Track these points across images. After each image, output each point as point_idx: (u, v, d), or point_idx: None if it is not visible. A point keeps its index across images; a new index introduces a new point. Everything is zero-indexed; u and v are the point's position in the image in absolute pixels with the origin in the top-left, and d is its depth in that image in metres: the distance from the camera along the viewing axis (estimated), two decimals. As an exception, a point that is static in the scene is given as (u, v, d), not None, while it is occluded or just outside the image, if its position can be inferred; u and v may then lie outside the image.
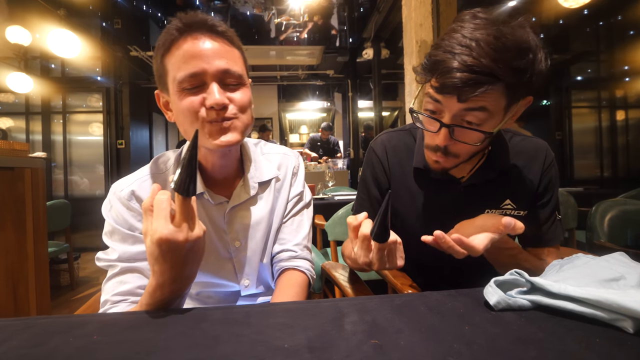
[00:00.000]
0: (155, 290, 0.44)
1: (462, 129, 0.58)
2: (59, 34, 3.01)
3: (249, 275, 0.67)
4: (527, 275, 0.41)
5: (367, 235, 0.51)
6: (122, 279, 0.56)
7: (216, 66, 0.55)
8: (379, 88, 4.38)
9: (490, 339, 0.33)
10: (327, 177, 2.59)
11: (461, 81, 0.52)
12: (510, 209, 0.71)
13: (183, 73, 0.54)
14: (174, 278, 0.43)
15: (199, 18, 0.56)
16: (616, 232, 1.43)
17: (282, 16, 5.86)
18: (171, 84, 0.56)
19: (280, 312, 0.41)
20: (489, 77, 0.51)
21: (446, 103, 0.56)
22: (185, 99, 0.55)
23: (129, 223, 0.58)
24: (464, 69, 0.51)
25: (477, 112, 0.55)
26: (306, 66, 5.30)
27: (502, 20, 0.54)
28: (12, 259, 1.61)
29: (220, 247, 0.65)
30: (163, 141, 6.23)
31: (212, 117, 0.56)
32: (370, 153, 0.81)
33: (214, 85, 0.55)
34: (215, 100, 0.54)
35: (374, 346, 0.32)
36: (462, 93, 0.53)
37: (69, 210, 2.76)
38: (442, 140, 0.59)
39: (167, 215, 0.41)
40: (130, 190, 0.60)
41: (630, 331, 0.34)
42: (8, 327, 0.38)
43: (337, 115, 7.13)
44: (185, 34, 0.55)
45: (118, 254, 0.57)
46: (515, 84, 0.53)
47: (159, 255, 0.42)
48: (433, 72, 0.56)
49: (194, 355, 0.31)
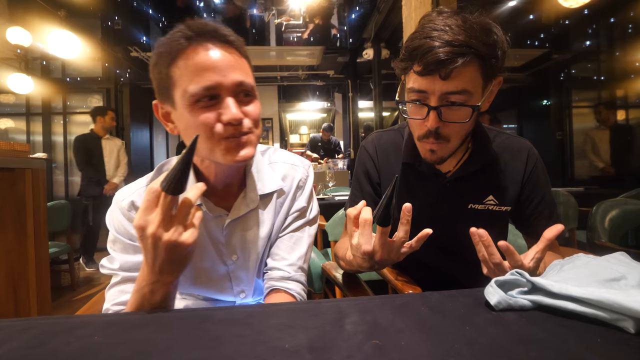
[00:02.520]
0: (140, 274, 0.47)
1: (449, 111, 0.61)
2: (60, 35, 3.01)
3: (245, 287, 0.66)
4: (528, 276, 0.41)
5: (369, 219, 0.51)
6: (122, 288, 0.57)
7: (231, 79, 0.52)
8: (379, 88, 4.38)
9: (491, 339, 0.33)
10: (328, 177, 2.59)
11: (444, 54, 0.56)
12: (492, 204, 0.74)
13: (197, 86, 0.50)
14: (150, 266, 0.45)
15: (209, 27, 0.53)
16: (617, 232, 1.43)
17: (282, 17, 5.86)
18: (180, 96, 0.52)
19: (281, 312, 0.41)
20: (466, 49, 0.56)
21: (430, 85, 0.60)
22: (200, 115, 0.52)
23: (130, 233, 0.58)
24: (444, 44, 0.56)
25: (459, 95, 0.59)
26: (306, 66, 5.29)
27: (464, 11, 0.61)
28: (12, 259, 1.61)
29: (217, 260, 0.63)
30: (163, 142, 6.23)
31: (229, 132, 0.53)
32: (362, 151, 0.85)
33: (229, 100, 0.52)
34: (233, 115, 0.52)
35: (374, 346, 0.32)
36: (445, 67, 0.56)
37: (69, 211, 2.76)
38: (433, 123, 0.61)
39: (149, 206, 0.44)
40: (130, 201, 0.59)
41: (632, 331, 0.34)
42: (9, 328, 0.38)
43: (337, 115, 7.13)
44: (194, 43, 0.51)
45: (120, 263, 0.57)
46: (488, 58, 0.59)
47: (138, 239, 0.45)
48: (414, 58, 0.60)
49: (195, 356, 0.31)
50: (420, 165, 0.74)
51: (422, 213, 0.76)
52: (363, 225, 0.53)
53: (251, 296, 0.68)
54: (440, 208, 0.75)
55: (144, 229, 0.43)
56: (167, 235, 0.43)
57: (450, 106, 0.61)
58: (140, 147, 4.71)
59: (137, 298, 0.47)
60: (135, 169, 4.07)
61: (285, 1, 5.56)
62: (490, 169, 0.73)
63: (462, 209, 0.74)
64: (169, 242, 0.43)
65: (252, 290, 0.67)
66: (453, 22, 0.58)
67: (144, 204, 0.44)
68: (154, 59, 0.55)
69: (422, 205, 0.76)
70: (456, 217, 0.75)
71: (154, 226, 0.43)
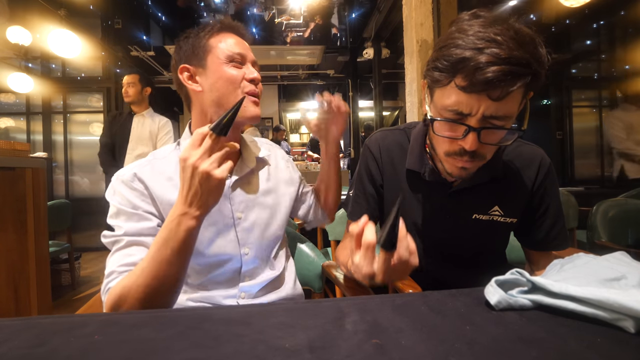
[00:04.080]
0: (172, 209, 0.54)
1: (489, 134, 0.55)
2: (60, 34, 3.01)
3: (249, 245, 0.72)
4: (528, 275, 0.41)
5: (372, 243, 0.47)
6: (128, 251, 0.60)
7: (252, 56, 0.73)
8: (380, 88, 4.38)
9: (491, 338, 0.33)
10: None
11: (495, 75, 0.48)
12: (497, 215, 0.71)
13: (235, 50, 0.70)
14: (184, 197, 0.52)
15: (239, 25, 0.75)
16: (617, 232, 1.43)
17: (283, 16, 5.85)
18: (215, 57, 0.69)
19: (281, 312, 0.41)
20: (524, 69, 0.49)
21: (476, 104, 0.52)
22: (232, 69, 0.69)
23: (133, 203, 0.64)
24: (499, 61, 0.48)
25: (503, 120, 0.53)
26: (306, 66, 5.28)
27: (504, 17, 0.53)
28: (13, 258, 1.61)
29: (226, 216, 0.71)
30: (163, 141, 6.23)
31: (250, 88, 0.70)
32: (365, 150, 0.82)
33: (250, 66, 0.72)
34: (256, 75, 0.71)
35: (374, 346, 0.32)
36: (497, 88, 0.50)
37: (69, 210, 2.76)
38: (472, 145, 0.55)
39: (195, 142, 0.51)
40: (133, 173, 0.66)
41: (632, 331, 0.34)
42: (9, 327, 0.38)
43: (337, 115, 7.11)
44: (230, 30, 0.73)
45: (124, 229, 0.61)
46: (539, 78, 0.52)
47: (180, 171, 0.53)
48: (456, 72, 0.52)
49: (194, 355, 0.31)
50: (425, 173, 0.71)
51: (424, 221, 0.74)
52: (366, 248, 0.47)
53: (255, 258, 0.73)
54: (443, 217, 0.73)
55: (186, 160, 0.51)
56: (204, 166, 0.50)
57: (492, 129, 0.54)
58: (140, 147, 4.71)
59: (164, 233, 0.53)
60: (136, 168, 4.05)
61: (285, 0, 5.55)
62: (498, 179, 0.70)
63: (466, 219, 0.72)
64: (204, 172, 0.50)
65: (255, 250, 0.73)
66: (502, 31, 0.50)
67: (190, 142, 0.52)
68: (192, 34, 0.72)
69: (424, 214, 0.74)
70: (459, 227, 0.73)
71: (195, 158, 0.50)
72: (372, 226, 0.48)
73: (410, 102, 1.91)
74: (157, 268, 0.52)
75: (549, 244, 0.73)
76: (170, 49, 4.17)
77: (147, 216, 0.63)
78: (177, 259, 0.53)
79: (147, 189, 0.65)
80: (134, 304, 0.52)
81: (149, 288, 0.51)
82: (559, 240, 0.73)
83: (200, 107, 0.71)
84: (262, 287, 0.74)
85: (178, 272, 0.54)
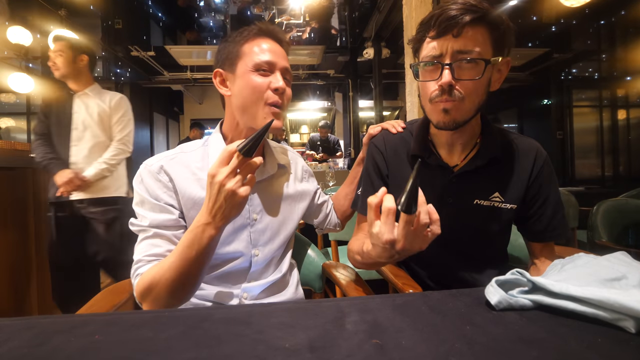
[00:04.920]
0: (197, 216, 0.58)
1: (461, 70, 0.64)
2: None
3: (260, 248, 0.75)
4: (529, 275, 0.41)
5: (392, 208, 0.49)
6: (154, 242, 0.64)
7: (283, 63, 0.73)
8: (380, 87, 4.38)
9: (491, 338, 0.33)
10: (328, 176, 2.59)
11: (455, 11, 0.62)
12: (498, 201, 0.74)
13: (263, 58, 0.70)
14: (209, 209, 0.56)
15: (276, 28, 0.76)
16: (617, 232, 1.43)
17: (283, 16, 5.85)
18: (244, 64, 0.71)
19: (281, 311, 0.41)
20: (476, 8, 0.62)
21: (443, 45, 0.64)
22: (257, 78, 0.70)
23: (156, 194, 0.67)
24: (460, 5, 0.62)
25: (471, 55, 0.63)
26: (307, 66, 5.28)
27: None
28: (13, 258, 1.61)
29: (243, 216, 0.74)
30: (164, 141, 6.24)
31: (274, 99, 0.70)
32: (371, 147, 0.86)
33: (278, 74, 0.72)
34: (280, 84, 0.70)
35: (375, 346, 0.32)
36: (456, 23, 0.61)
37: (70, 210, 2.75)
38: (447, 78, 0.64)
39: (223, 160, 0.54)
40: (160, 165, 0.69)
41: (632, 331, 0.34)
42: (10, 327, 0.38)
43: (337, 115, 7.13)
44: (266, 35, 0.73)
45: (149, 220, 0.65)
46: (496, 25, 0.64)
47: (207, 185, 0.56)
48: (429, 27, 0.66)
49: (195, 355, 0.31)
50: (428, 158, 0.75)
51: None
52: (387, 214, 0.49)
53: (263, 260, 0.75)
54: (445, 202, 0.75)
55: (214, 176, 0.54)
56: (230, 185, 0.54)
57: (462, 62, 0.64)
58: (140, 147, 4.72)
59: (190, 236, 0.57)
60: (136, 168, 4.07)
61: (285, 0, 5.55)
62: (497, 165, 0.73)
63: (468, 204, 0.74)
64: (230, 190, 0.53)
65: (265, 253, 0.75)
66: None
67: (218, 159, 0.55)
68: (230, 38, 0.74)
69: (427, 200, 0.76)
70: (461, 212, 0.74)
71: (223, 176, 0.53)
72: (391, 196, 0.51)
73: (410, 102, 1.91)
74: (182, 265, 0.57)
75: (550, 234, 0.75)
76: (170, 49, 4.17)
77: (168, 208, 0.67)
78: (200, 260, 0.58)
79: (172, 181, 0.69)
80: (161, 294, 0.58)
81: (174, 282, 0.58)
82: (560, 230, 0.75)
83: (230, 110, 0.75)
84: (264, 289, 0.75)
85: (199, 271, 0.59)
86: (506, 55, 0.68)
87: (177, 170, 0.70)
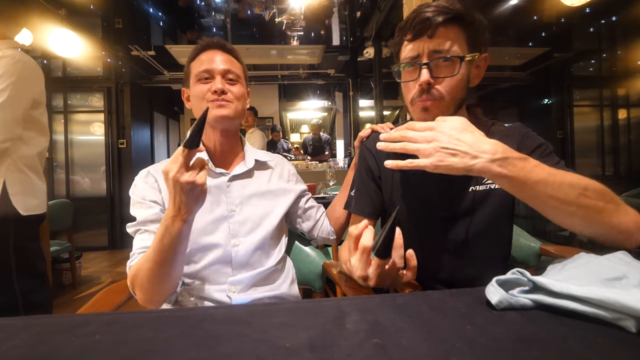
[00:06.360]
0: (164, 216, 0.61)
1: (438, 68, 0.67)
2: (60, 34, 3.01)
3: (241, 238, 0.79)
4: (529, 275, 0.41)
5: (368, 247, 0.50)
6: (143, 236, 0.73)
7: (222, 67, 0.80)
8: (380, 87, 4.37)
9: (492, 338, 0.33)
10: (328, 176, 2.59)
11: (429, 13, 0.65)
12: (492, 183, 0.73)
13: (201, 68, 0.79)
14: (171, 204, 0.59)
15: (215, 40, 0.84)
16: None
17: (283, 15, 5.84)
18: (192, 79, 0.81)
19: (282, 311, 0.41)
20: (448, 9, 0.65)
21: (420, 46, 0.67)
22: (200, 85, 0.79)
23: (143, 194, 0.76)
24: (433, 8, 0.65)
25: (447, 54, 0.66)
26: (307, 65, 5.27)
27: None
28: (14, 258, 1.61)
29: (221, 208, 0.79)
30: (164, 140, 6.24)
31: (213, 98, 0.78)
32: (362, 148, 0.87)
33: (218, 78, 0.79)
34: (217, 87, 0.78)
35: (375, 345, 0.32)
36: (430, 24, 0.64)
37: (70, 210, 2.77)
38: (425, 77, 0.66)
39: (174, 157, 0.57)
40: (147, 170, 0.80)
41: (633, 330, 0.34)
42: (10, 326, 0.38)
43: (338, 114, 7.12)
44: (206, 48, 0.83)
45: (139, 218, 0.74)
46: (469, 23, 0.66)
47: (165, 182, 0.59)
48: (405, 30, 0.68)
49: (195, 355, 0.31)
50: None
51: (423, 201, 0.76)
52: (361, 252, 0.51)
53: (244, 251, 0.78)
54: (441, 196, 0.75)
55: (167, 173, 0.57)
56: (185, 177, 0.56)
57: (439, 60, 0.66)
58: (141, 146, 4.72)
59: (161, 229, 0.61)
60: (136, 168, 4.07)
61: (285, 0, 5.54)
62: None
63: (464, 193, 0.74)
64: (186, 182, 0.56)
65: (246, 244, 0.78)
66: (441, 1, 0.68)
67: (171, 158, 0.58)
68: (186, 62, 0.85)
69: (422, 193, 0.76)
70: (459, 202, 0.74)
71: (174, 171, 0.56)
72: (371, 231, 0.52)
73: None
74: (157, 256, 0.62)
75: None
76: (170, 49, 4.17)
77: (151, 204, 0.75)
78: (172, 250, 0.62)
79: (157, 182, 0.78)
80: (143, 282, 0.64)
81: (151, 271, 0.63)
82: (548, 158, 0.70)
83: None
84: (254, 281, 0.77)
85: (174, 259, 0.64)
86: (483, 52, 0.70)
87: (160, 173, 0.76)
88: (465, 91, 0.70)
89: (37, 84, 1.32)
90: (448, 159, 0.51)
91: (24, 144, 1.26)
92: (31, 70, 1.29)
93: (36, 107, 1.33)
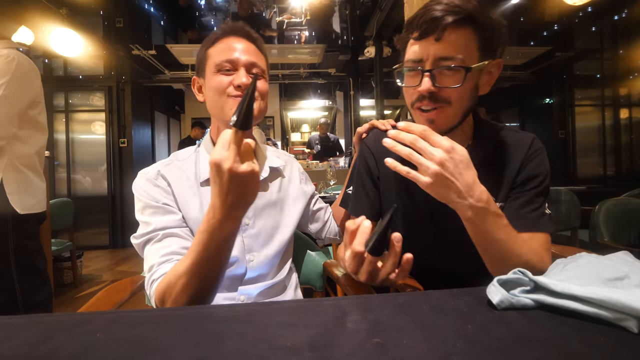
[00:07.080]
0: (208, 213, 0.50)
1: (442, 76, 0.61)
2: (61, 33, 3.01)
3: (255, 253, 0.73)
4: (530, 275, 0.41)
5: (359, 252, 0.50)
6: (163, 244, 0.62)
7: (247, 58, 0.71)
8: (381, 86, 4.37)
9: (493, 338, 0.33)
10: (329, 175, 2.59)
11: (438, 12, 0.58)
12: None
13: (223, 57, 0.70)
14: (222, 202, 0.48)
15: (240, 25, 0.74)
16: (619, 231, 1.43)
17: (284, 14, 5.83)
18: (209, 68, 0.71)
19: (283, 310, 0.41)
20: (459, 9, 0.58)
21: (425, 50, 0.61)
22: (219, 77, 0.70)
23: (157, 198, 0.67)
24: (443, 6, 0.59)
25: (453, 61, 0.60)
26: (307, 64, 5.27)
27: None
28: (15, 257, 1.62)
29: None
30: (165, 140, 6.24)
31: (236, 93, 0.69)
32: (362, 146, 0.85)
33: (242, 70, 0.70)
34: (242, 81, 0.68)
35: (376, 345, 0.32)
36: (438, 25, 0.58)
37: (72, 209, 2.77)
38: (426, 86, 0.61)
39: (224, 144, 0.46)
40: (157, 170, 0.71)
41: (635, 331, 0.34)
42: (11, 325, 0.38)
43: (338, 113, 7.12)
44: (231, 34, 0.72)
45: (153, 225, 0.63)
46: (483, 27, 0.60)
47: (211, 176, 0.48)
48: (412, 28, 0.63)
49: (196, 353, 0.31)
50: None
51: (420, 205, 0.76)
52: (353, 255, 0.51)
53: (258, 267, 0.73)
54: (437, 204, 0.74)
55: (220, 164, 0.46)
56: (243, 167, 0.46)
57: (443, 69, 0.61)
58: (141, 145, 4.72)
59: (206, 236, 0.51)
60: (137, 167, 4.07)
61: None
62: (488, 165, 0.70)
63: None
64: (244, 172, 0.46)
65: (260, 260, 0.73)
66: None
67: (218, 143, 0.47)
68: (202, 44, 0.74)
69: (420, 199, 0.76)
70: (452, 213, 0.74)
71: (230, 161, 0.46)
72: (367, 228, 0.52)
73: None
74: (199, 268, 0.52)
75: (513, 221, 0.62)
76: (171, 48, 4.17)
77: (171, 209, 0.66)
78: (219, 259, 0.54)
79: (170, 186, 0.70)
80: (179, 300, 0.54)
81: (191, 287, 0.53)
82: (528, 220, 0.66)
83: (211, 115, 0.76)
84: (262, 291, 0.74)
85: (220, 270, 0.55)
86: (498, 57, 0.64)
87: (173, 174, 0.72)
88: (473, 100, 0.66)
89: (32, 83, 1.30)
90: (441, 188, 0.53)
91: (21, 142, 1.26)
92: (26, 69, 1.27)
93: (33, 106, 1.31)
